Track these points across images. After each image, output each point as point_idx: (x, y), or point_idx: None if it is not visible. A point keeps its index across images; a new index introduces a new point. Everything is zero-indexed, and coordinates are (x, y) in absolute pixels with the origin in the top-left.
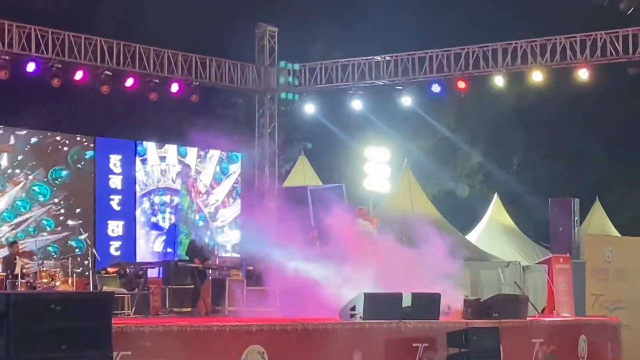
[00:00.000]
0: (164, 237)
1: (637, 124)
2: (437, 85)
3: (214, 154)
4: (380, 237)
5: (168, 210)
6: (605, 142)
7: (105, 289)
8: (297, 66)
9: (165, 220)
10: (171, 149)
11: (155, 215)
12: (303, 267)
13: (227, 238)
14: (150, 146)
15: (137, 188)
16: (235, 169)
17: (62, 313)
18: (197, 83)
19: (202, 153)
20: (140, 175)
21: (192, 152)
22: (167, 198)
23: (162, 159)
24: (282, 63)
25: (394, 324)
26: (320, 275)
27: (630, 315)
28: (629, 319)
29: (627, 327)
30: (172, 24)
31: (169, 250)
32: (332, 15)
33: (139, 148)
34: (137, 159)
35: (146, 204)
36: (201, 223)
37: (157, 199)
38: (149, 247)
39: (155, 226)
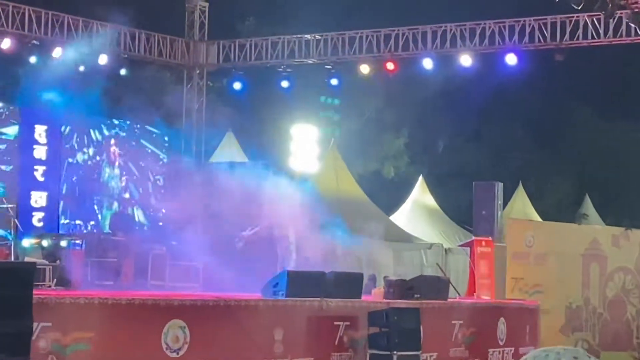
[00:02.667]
0: None
1: (562, 111)
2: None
3: (137, 128)
4: None
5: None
6: (530, 127)
7: (26, 259)
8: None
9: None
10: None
11: None
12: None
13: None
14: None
15: None
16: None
17: None
18: (126, 56)
19: (124, 125)
20: None
21: (114, 124)
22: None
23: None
24: None
25: (316, 302)
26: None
27: (549, 300)
28: (548, 303)
29: (546, 311)
30: None
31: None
32: None
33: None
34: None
35: None
36: (127, 195)
37: None
38: None
39: None
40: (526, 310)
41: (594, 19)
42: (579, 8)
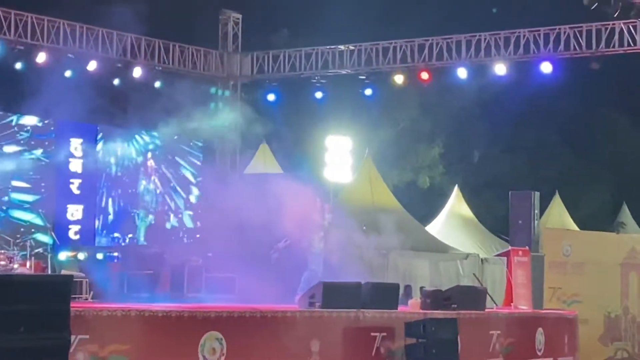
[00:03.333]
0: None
1: (598, 119)
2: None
3: (172, 141)
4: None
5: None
6: (566, 136)
7: (63, 272)
8: None
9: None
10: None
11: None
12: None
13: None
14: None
15: None
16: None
17: (20, 295)
18: (160, 68)
19: (159, 138)
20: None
21: (150, 137)
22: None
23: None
24: None
25: (352, 313)
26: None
27: (587, 309)
28: (586, 313)
29: (584, 321)
30: (136, 8)
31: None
32: (296, 3)
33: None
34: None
35: None
36: (162, 208)
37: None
38: None
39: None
40: (564, 320)
41: (630, 26)
42: (615, 15)
